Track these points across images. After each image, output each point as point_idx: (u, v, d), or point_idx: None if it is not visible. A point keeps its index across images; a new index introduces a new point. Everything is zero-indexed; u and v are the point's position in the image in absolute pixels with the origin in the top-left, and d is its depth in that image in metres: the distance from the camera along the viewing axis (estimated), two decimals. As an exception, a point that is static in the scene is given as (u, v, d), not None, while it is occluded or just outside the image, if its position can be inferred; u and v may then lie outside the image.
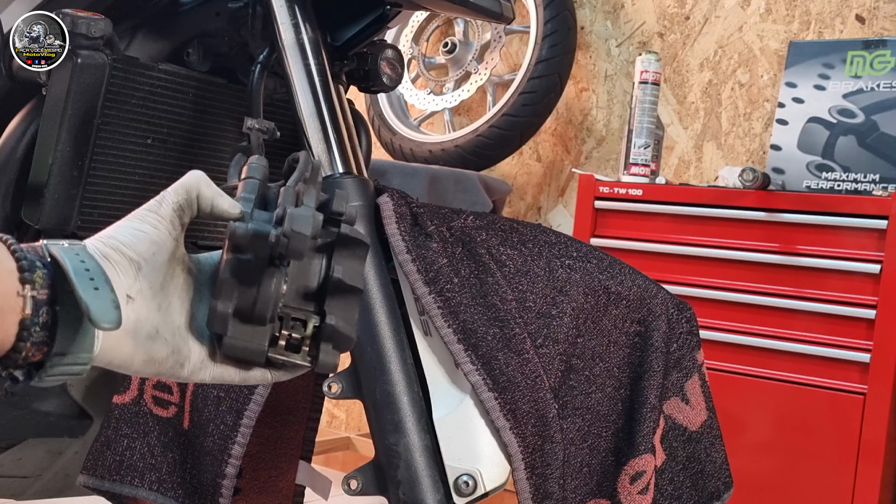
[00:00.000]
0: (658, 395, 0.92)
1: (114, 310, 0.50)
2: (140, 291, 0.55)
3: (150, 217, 0.57)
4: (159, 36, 1.11)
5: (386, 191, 0.93)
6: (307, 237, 0.56)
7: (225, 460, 0.91)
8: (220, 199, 0.58)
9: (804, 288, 1.66)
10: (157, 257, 0.56)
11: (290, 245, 0.55)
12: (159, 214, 0.57)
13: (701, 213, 1.77)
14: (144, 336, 0.55)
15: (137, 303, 0.55)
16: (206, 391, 0.94)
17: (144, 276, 0.55)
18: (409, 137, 2.42)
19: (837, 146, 1.90)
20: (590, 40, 2.37)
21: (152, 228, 0.57)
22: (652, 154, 1.96)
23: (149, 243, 0.56)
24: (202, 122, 1.09)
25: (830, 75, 1.93)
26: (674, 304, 0.97)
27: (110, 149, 1.00)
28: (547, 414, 0.86)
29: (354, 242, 0.61)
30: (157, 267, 0.56)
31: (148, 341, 0.55)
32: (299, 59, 0.96)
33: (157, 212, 0.57)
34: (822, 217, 1.64)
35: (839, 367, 1.62)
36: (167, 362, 0.57)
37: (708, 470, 0.97)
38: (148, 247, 0.56)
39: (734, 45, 2.16)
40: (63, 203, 0.97)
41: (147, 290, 0.56)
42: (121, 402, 0.99)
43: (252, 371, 0.60)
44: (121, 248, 0.55)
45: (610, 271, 0.94)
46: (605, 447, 0.91)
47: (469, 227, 0.93)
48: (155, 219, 0.57)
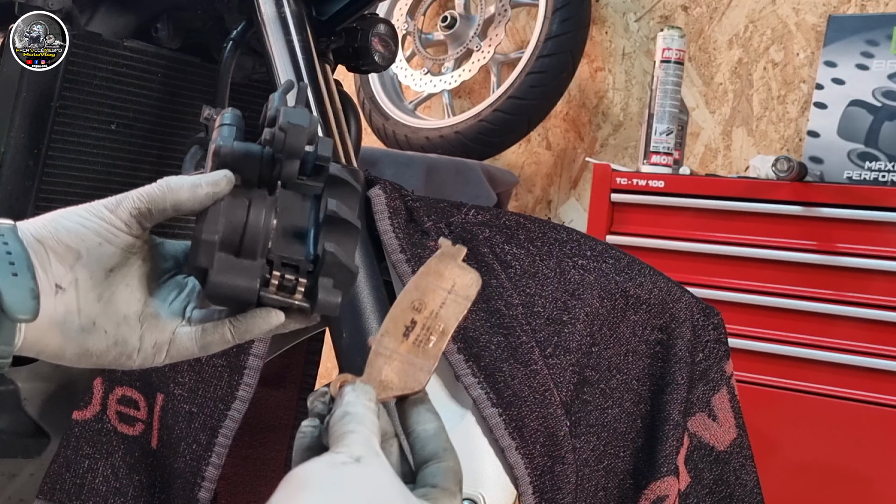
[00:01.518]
0: (682, 410, 0.92)
1: (31, 300, 0.51)
2: (75, 281, 0.56)
3: (104, 213, 0.58)
4: (124, 9, 1.11)
5: (378, 182, 0.93)
6: (305, 129, 0.56)
7: (198, 483, 0.91)
8: (198, 189, 0.58)
9: (845, 291, 1.66)
10: (102, 248, 0.57)
11: (286, 140, 0.56)
12: (115, 214, 0.58)
13: (730, 207, 1.77)
14: (77, 328, 0.56)
15: (70, 293, 0.56)
16: (178, 406, 0.94)
17: (84, 266, 0.57)
18: (403, 123, 2.42)
19: (882, 133, 1.89)
20: (605, 14, 2.37)
21: (102, 223, 0.58)
22: (675, 141, 1.95)
23: (94, 234, 0.57)
24: (172, 106, 1.09)
25: (874, 53, 1.93)
26: (699, 308, 0.97)
27: (70, 135, 1.00)
28: (557, 432, 0.86)
29: (346, 184, 0.61)
30: (102, 257, 0.57)
31: (81, 334, 0.57)
32: (281, 35, 0.96)
33: (113, 211, 0.58)
34: (865, 212, 1.64)
35: (884, 378, 1.62)
36: (108, 355, 0.58)
37: (737, 494, 0.97)
38: (93, 237, 0.57)
39: (767, 19, 2.15)
40: (16, 196, 0.97)
41: (86, 280, 0.57)
42: (81, 419, 0.99)
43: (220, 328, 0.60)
44: (60, 234, 0.56)
45: (628, 272, 0.94)
46: (622, 469, 0.91)
47: (470, 223, 0.93)
48: (108, 217, 0.58)
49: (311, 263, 0.59)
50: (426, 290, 0.63)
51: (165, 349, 0.60)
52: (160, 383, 0.97)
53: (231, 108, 0.64)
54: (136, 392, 0.99)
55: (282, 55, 0.96)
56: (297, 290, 0.59)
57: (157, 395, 0.97)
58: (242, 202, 0.58)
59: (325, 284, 0.59)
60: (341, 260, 0.58)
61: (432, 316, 0.62)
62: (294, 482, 0.49)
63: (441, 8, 2.54)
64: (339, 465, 0.51)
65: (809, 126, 1.98)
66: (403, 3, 2.52)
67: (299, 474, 0.50)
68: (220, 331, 0.60)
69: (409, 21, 2.51)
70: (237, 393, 0.92)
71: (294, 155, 0.57)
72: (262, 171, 0.58)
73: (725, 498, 0.97)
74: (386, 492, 0.51)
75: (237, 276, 0.57)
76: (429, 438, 0.58)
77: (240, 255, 0.57)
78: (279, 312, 0.60)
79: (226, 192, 0.58)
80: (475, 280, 0.64)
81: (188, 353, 0.61)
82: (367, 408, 0.56)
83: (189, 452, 0.92)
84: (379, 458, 0.53)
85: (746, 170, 2.11)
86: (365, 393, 0.57)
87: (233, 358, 0.93)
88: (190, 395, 0.94)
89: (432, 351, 0.61)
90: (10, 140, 0.96)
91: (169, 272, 0.62)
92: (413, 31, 2.50)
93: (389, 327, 0.62)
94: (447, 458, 0.57)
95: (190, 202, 0.58)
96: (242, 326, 0.60)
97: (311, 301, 0.59)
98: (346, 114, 1.03)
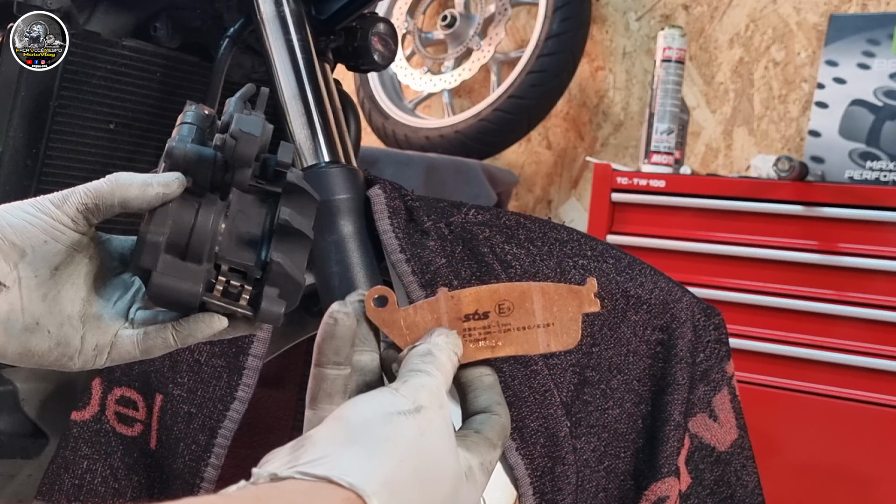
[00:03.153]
0: (683, 411, 0.92)
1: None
2: (19, 280, 0.56)
3: (50, 208, 0.57)
4: (123, 8, 1.10)
5: (378, 182, 0.93)
6: (257, 138, 0.56)
7: (197, 484, 0.91)
8: (149, 188, 0.57)
9: (846, 291, 1.66)
10: (48, 246, 0.57)
11: (237, 148, 0.56)
12: (61, 210, 0.57)
13: (731, 206, 1.77)
14: (20, 328, 0.56)
15: (13, 292, 0.56)
16: (176, 407, 0.94)
17: (29, 264, 0.56)
18: (403, 122, 2.42)
19: (884, 132, 1.89)
20: (606, 13, 2.37)
21: (48, 219, 0.57)
22: (676, 141, 1.95)
23: (41, 231, 0.57)
24: (171, 105, 1.08)
25: (876, 52, 1.93)
26: (700, 309, 0.97)
27: (68, 135, 1.00)
28: (558, 432, 0.86)
29: (303, 193, 0.60)
30: (48, 255, 0.57)
31: (24, 333, 0.56)
32: (280, 35, 0.96)
33: (59, 207, 0.57)
34: (866, 211, 1.64)
35: (885, 378, 1.62)
36: (50, 355, 0.58)
37: (739, 495, 0.97)
38: (39, 234, 0.57)
39: (768, 18, 2.15)
40: (15, 196, 0.96)
41: (31, 278, 0.56)
42: (80, 420, 0.99)
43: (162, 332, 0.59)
44: (5, 231, 0.56)
45: (629, 272, 0.94)
46: (623, 469, 0.91)
47: (470, 223, 0.93)
48: (54, 213, 0.57)
49: (259, 270, 0.58)
50: (525, 303, 0.57)
51: (106, 352, 0.59)
52: (159, 384, 0.97)
53: (196, 106, 0.63)
54: (134, 392, 0.98)
55: (281, 54, 0.95)
56: (241, 296, 0.58)
57: (156, 395, 0.97)
58: (192, 205, 0.57)
59: (270, 294, 0.58)
60: (287, 271, 0.58)
61: (504, 327, 0.57)
62: (343, 427, 0.47)
63: (441, 7, 2.54)
64: (396, 414, 0.48)
65: (810, 125, 1.98)
66: (403, 1, 2.51)
67: (351, 419, 0.48)
68: (162, 335, 0.59)
69: (408, 20, 2.51)
70: (236, 393, 0.92)
71: (244, 163, 0.56)
72: (214, 176, 0.57)
73: (726, 499, 0.96)
74: (439, 452, 0.49)
75: (181, 280, 0.56)
76: (484, 389, 0.57)
77: (185, 259, 0.57)
78: (222, 318, 0.59)
79: (177, 194, 0.57)
80: (572, 341, 0.57)
81: (129, 357, 0.60)
82: (450, 359, 0.54)
83: (188, 453, 0.92)
84: (442, 412, 0.51)
85: (747, 169, 2.10)
86: (455, 344, 0.55)
87: (232, 358, 0.93)
88: (189, 395, 0.94)
89: (470, 352, 0.56)
90: (9, 140, 0.96)
91: (115, 270, 0.62)
92: (413, 30, 2.50)
93: (464, 298, 0.57)
94: (499, 412, 0.56)
95: (138, 200, 0.57)
96: (185, 331, 0.59)
97: (255, 309, 0.58)
98: (345, 113, 1.03)
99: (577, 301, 0.58)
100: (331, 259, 0.87)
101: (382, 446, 0.47)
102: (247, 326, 0.61)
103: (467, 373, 0.57)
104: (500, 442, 0.55)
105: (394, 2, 2.51)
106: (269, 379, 1.12)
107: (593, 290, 0.58)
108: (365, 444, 0.46)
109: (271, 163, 0.60)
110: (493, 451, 0.54)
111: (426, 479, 0.47)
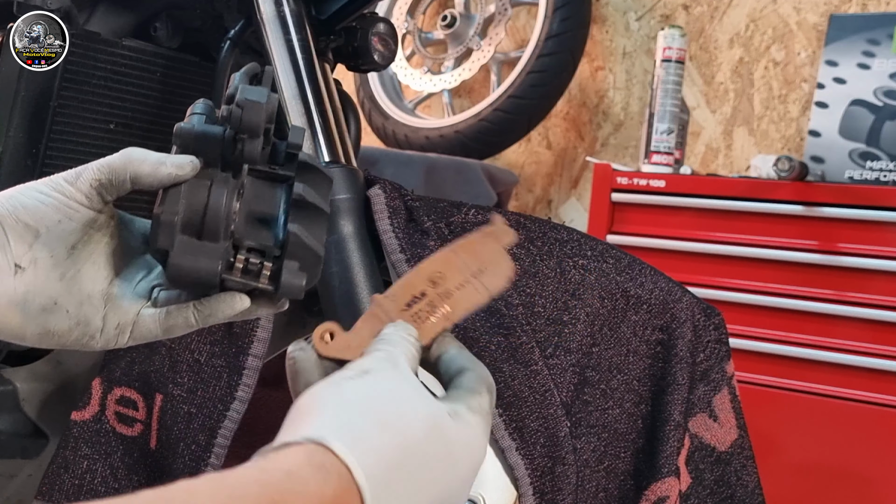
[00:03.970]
0: (683, 411, 0.92)
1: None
2: (35, 261, 0.56)
3: (63, 186, 0.57)
4: (123, 8, 1.10)
5: (377, 182, 0.93)
6: (262, 105, 0.56)
7: (197, 484, 0.91)
8: (162, 167, 0.57)
9: (846, 291, 1.66)
10: (62, 225, 0.57)
11: (244, 116, 0.56)
12: (74, 187, 0.57)
13: (731, 206, 1.77)
14: (37, 308, 0.56)
15: (29, 273, 0.56)
16: (176, 407, 0.94)
17: (44, 245, 0.56)
18: (403, 122, 2.42)
19: (884, 132, 1.89)
20: (606, 13, 2.37)
21: (62, 198, 0.57)
22: (676, 141, 1.95)
23: (54, 210, 0.56)
24: (171, 105, 1.08)
25: (876, 52, 1.93)
26: (700, 309, 0.97)
27: (68, 135, 1.00)
28: (558, 432, 0.86)
29: (316, 171, 0.61)
30: (63, 235, 0.57)
31: (42, 314, 0.56)
32: (280, 35, 0.96)
33: (72, 184, 0.57)
34: (866, 211, 1.64)
35: (885, 378, 1.62)
36: (70, 335, 0.58)
37: (739, 495, 0.97)
38: (52, 214, 0.56)
39: (768, 18, 2.15)
40: (15, 196, 0.96)
41: (47, 259, 0.56)
42: (80, 419, 0.99)
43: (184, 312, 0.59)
44: (18, 212, 0.56)
45: (629, 272, 0.94)
46: (623, 469, 0.91)
47: (470, 223, 0.93)
48: (68, 190, 0.57)
49: (278, 249, 0.58)
50: (451, 266, 0.60)
51: (129, 331, 0.59)
52: (159, 384, 0.97)
53: (204, 99, 0.63)
54: (134, 392, 0.98)
55: (281, 55, 0.96)
56: (262, 273, 0.58)
57: (156, 395, 0.97)
58: (203, 184, 0.57)
59: (290, 267, 0.57)
60: (306, 241, 0.57)
61: (444, 294, 0.59)
62: (297, 410, 0.48)
63: (441, 7, 2.54)
64: (343, 380, 0.49)
65: (810, 125, 1.98)
66: (403, 1, 2.51)
67: (302, 401, 0.48)
68: (184, 314, 0.59)
69: (408, 20, 2.51)
70: (236, 393, 0.92)
71: (252, 132, 0.56)
72: (224, 153, 0.57)
73: (727, 499, 0.96)
74: (398, 394, 0.49)
75: (199, 259, 0.56)
76: (453, 358, 0.57)
77: (202, 238, 0.56)
78: (244, 297, 0.59)
79: (189, 176, 0.57)
80: (506, 273, 0.60)
81: (151, 336, 0.60)
82: (403, 339, 0.55)
83: (188, 453, 0.92)
84: (396, 371, 0.51)
85: (747, 169, 2.10)
86: (404, 328, 0.56)
87: (232, 358, 0.93)
88: (189, 395, 0.94)
89: (426, 330, 0.58)
90: (9, 139, 0.96)
91: (139, 251, 0.61)
92: (413, 30, 2.50)
93: (397, 291, 0.59)
94: (475, 367, 0.56)
95: (150, 178, 0.57)
96: (206, 310, 0.59)
97: (276, 284, 0.58)
98: (345, 113, 1.03)
99: (492, 239, 0.61)
100: (331, 259, 0.87)
101: (339, 407, 0.47)
102: (269, 304, 0.61)
103: (431, 351, 0.58)
104: (483, 388, 0.55)
105: (394, 2, 2.51)
106: (269, 379, 1.12)
107: (502, 222, 0.61)
108: (314, 408, 0.47)
109: (281, 147, 0.60)
110: (477, 396, 0.54)
111: (385, 421, 0.47)
